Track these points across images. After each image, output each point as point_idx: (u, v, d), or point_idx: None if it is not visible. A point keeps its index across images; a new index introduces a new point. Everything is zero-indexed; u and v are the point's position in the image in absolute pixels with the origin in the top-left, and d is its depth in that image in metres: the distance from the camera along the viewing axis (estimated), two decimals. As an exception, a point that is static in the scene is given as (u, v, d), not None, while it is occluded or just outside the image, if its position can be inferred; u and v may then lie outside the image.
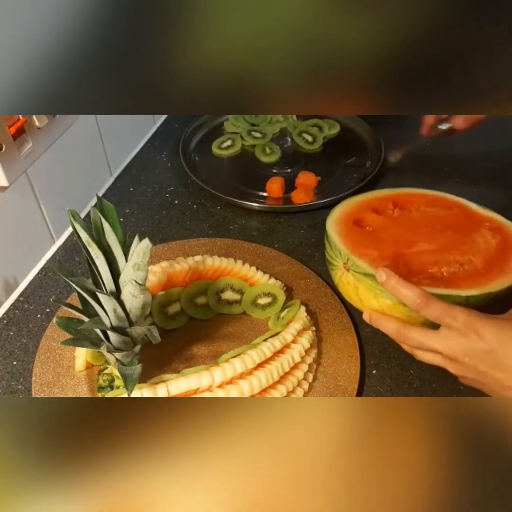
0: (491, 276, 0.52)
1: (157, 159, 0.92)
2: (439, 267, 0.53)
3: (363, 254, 0.53)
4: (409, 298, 0.47)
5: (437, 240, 0.56)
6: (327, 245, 0.57)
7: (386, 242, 0.55)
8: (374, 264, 0.52)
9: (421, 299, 0.47)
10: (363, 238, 0.56)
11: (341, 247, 0.54)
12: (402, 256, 0.54)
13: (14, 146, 0.61)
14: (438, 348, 0.47)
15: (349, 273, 0.54)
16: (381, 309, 0.52)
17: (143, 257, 0.45)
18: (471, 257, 0.54)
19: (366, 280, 0.52)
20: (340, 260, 0.54)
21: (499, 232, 0.57)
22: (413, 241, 0.56)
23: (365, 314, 0.54)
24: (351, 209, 0.60)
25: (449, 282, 0.51)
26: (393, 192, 0.63)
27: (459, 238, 0.56)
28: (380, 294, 0.51)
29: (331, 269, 0.58)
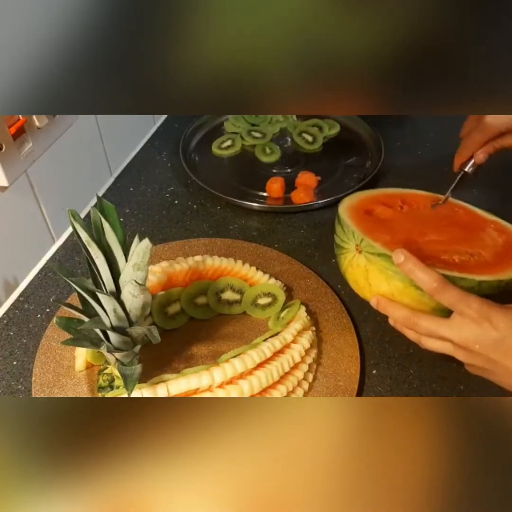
0: (501, 267, 0.52)
1: (157, 159, 0.92)
2: (450, 255, 0.54)
3: (376, 237, 0.53)
4: (425, 281, 0.47)
5: (446, 234, 0.57)
6: (338, 229, 0.57)
7: (398, 230, 0.55)
8: (387, 246, 0.52)
9: (438, 283, 0.46)
10: (375, 225, 0.56)
11: (355, 228, 0.54)
12: (414, 243, 0.54)
13: (14, 146, 0.61)
14: (449, 336, 0.47)
15: (361, 255, 0.53)
16: (391, 292, 0.52)
17: (143, 257, 0.45)
18: (480, 250, 0.55)
19: (379, 261, 0.52)
20: (353, 242, 0.54)
21: (504, 233, 0.57)
22: (423, 231, 0.56)
23: (373, 300, 0.53)
24: (361, 201, 0.60)
25: (462, 268, 0.51)
26: (400, 191, 0.63)
27: (466, 235, 0.57)
28: (393, 276, 0.51)
29: (340, 254, 0.57)
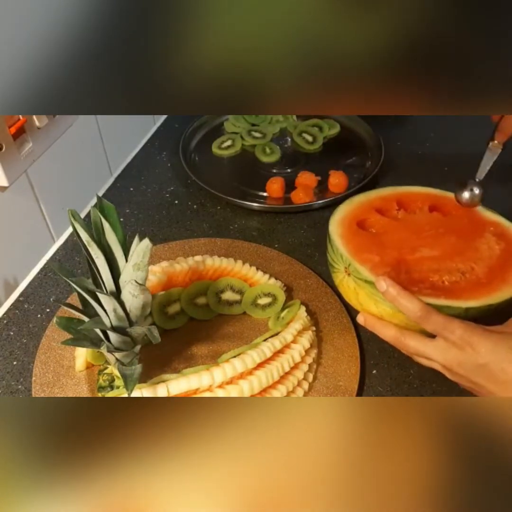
0: (492, 287, 0.51)
1: (157, 159, 0.92)
2: (440, 275, 0.53)
3: (365, 260, 0.53)
4: (409, 309, 0.47)
5: (440, 245, 0.56)
6: (329, 248, 0.57)
7: (389, 247, 0.55)
8: (375, 270, 0.52)
9: (421, 312, 0.47)
10: (365, 242, 0.55)
11: (343, 251, 0.54)
12: (404, 263, 0.54)
13: (14, 146, 0.61)
14: (434, 358, 0.48)
15: (350, 277, 0.54)
16: (380, 315, 0.52)
17: (143, 257, 0.45)
18: (473, 264, 0.54)
19: (366, 287, 0.52)
20: (342, 264, 0.54)
21: (504, 239, 0.56)
22: (416, 246, 0.55)
23: (360, 317, 0.54)
24: (354, 210, 0.59)
25: (450, 292, 0.51)
26: (397, 190, 0.62)
27: (462, 244, 0.56)
28: (381, 302, 0.51)
29: (332, 271, 0.58)
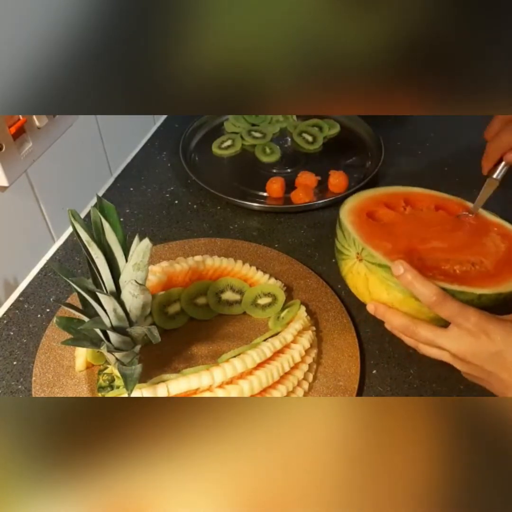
0: (502, 277, 0.52)
1: (157, 159, 0.92)
2: (451, 265, 0.53)
3: (377, 246, 0.53)
4: (424, 294, 0.47)
5: (449, 239, 0.56)
6: (339, 234, 0.57)
7: (399, 236, 0.55)
8: (388, 256, 0.52)
9: (437, 297, 0.46)
10: (377, 230, 0.55)
11: (356, 236, 0.54)
12: (416, 251, 0.54)
13: (14, 146, 0.61)
14: (447, 347, 0.47)
15: (362, 263, 0.53)
16: (391, 302, 0.52)
17: (143, 257, 0.45)
18: (482, 258, 0.54)
19: (379, 271, 0.51)
20: (354, 250, 0.54)
21: (508, 238, 0.57)
22: (425, 237, 0.56)
23: (370, 305, 0.53)
24: (363, 202, 0.59)
25: (462, 280, 0.51)
26: (403, 190, 0.62)
27: (469, 240, 0.56)
28: (393, 287, 0.50)
29: (341, 259, 0.57)
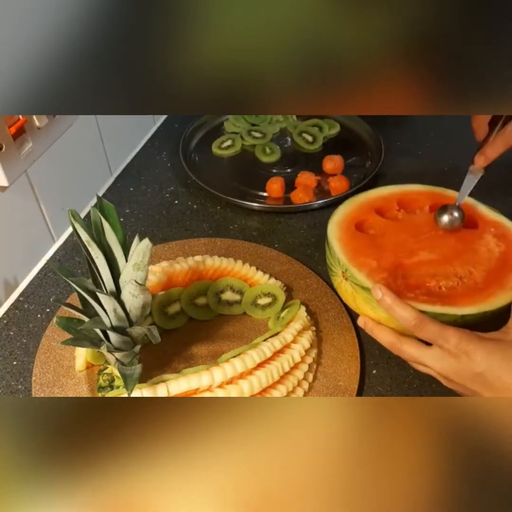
0: (490, 292, 0.51)
1: (157, 159, 0.92)
2: (437, 280, 0.53)
3: (362, 264, 0.53)
4: (403, 318, 0.48)
5: (439, 248, 0.56)
6: (327, 251, 0.57)
7: (386, 250, 0.55)
8: (372, 276, 0.52)
9: (416, 321, 0.47)
10: (363, 246, 0.55)
11: (341, 256, 0.54)
12: (401, 268, 0.54)
13: (14, 146, 0.61)
14: (430, 365, 0.48)
15: (348, 282, 0.54)
16: (378, 319, 0.53)
17: (143, 257, 0.45)
18: (471, 268, 0.54)
19: (363, 293, 0.52)
20: (339, 269, 0.54)
21: (504, 240, 0.56)
22: (414, 249, 0.55)
23: (360, 320, 0.55)
24: (353, 210, 0.59)
25: (447, 299, 0.51)
26: (398, 189, 0.62)
27: (461, 247, 0.56)
28: (377, 307, 0.51)
29: (330, 274, 0.58)
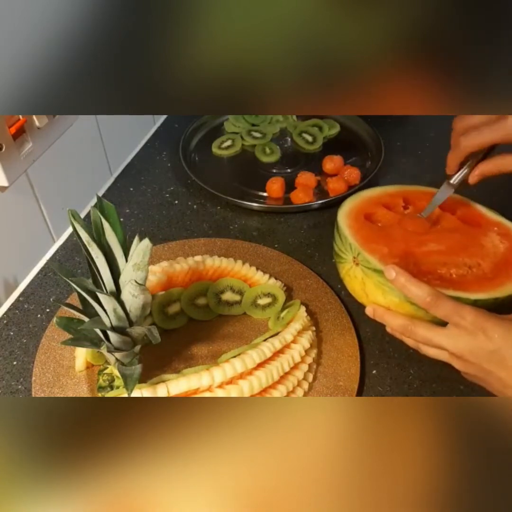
0: (499, 281, 0.52)
1: (157, 159, 0.92)
2: (448, 268, 0.53)
3: (373, 250, 0.53)
4: (418, 296, 0.47)
5: (446, 241, 0.56)
6: (336, 238, 0.57)
7: (396, 240, 0.55)
8: (384, 260, 0.52)
9: (431, 297, 0.46)
10: (373, 234, 0.55)
11: (352, 241, 0.54)
12: (412, 255, 0.54)
13: (14, 146, 0.61)
14: (445, 346, 0.47)
15: (358, 267, 0.53)
16: (387, 306, 0.52)
17: (143, 257, 0.45)
18: (479, 260, 0.54)
19: (375, 276, 0.52)
20: (350, 254, 0.54)
21: (507, 238, 0.57)
22: (422, 240, 0.56)
23: (368, 308, 0.54)
24: (361, 203, 0.59)
25: (458, 284, 0.51)
26: (403, 188, 0.62)
27: (467, 241, 0.56)
28: (388, 291, 0.51)
29: (339, 262, 0.57)
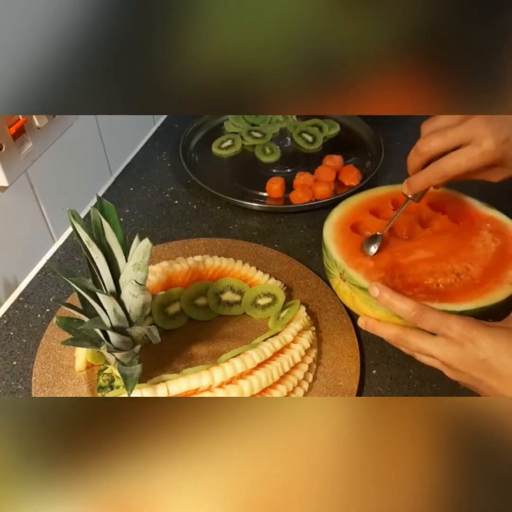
0: (487, 288, 0.51)
1: (157, 159, 0.92)
2: (435, 278, 0.53)
3: (358, 265, 0.53)
4: (403, 311, 0.47)
5: (435, 245, 0.56)
6: (324, 254, 0.57)
7: (382, 250, 0.55)
8: (369, 276, 0.52)
9: (416, 311, 0.47)
10: (359, 247, 0.55)
11: (337, 257, 0.54)
12: (398, 267, 0.54)
13: (14, 146, 0.61)
14: (435, 355, 0.47)
15: (346, 283, 0.54)
16: (378, 319, 0.52)
17: (143, 257, 0.45)
18: (468, 264, 0.54)
19: (361, 293, 0.52)
20: (337, 270, 0.54)
21: (500, 236, 0.56)
22: (410, 248, 0.55)
23: (360, 320, 0.54)
24: (349, 213, 0.59)
25: (444, 296, 0.51)
26: (393, 189, 0.62)
27: (457, 243, 0.56)
28: (376, 307, 0.51)
29: (329, 277, 0.58)
